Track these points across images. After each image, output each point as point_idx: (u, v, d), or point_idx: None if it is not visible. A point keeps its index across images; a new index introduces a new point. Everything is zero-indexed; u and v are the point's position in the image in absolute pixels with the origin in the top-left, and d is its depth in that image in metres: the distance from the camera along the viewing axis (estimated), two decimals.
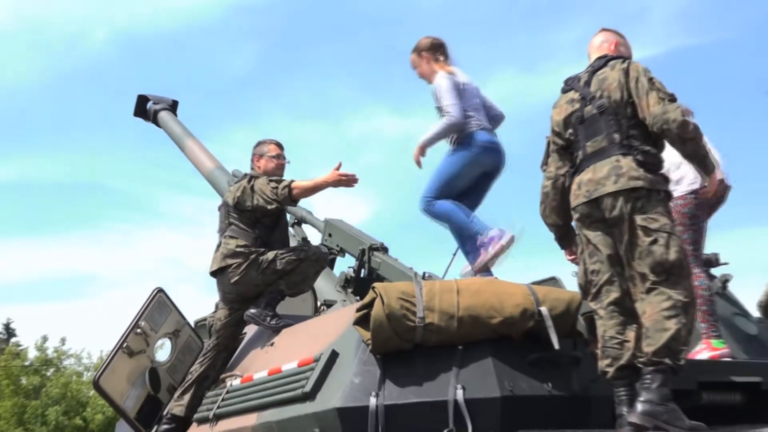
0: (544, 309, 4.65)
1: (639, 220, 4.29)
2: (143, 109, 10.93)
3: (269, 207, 6.14)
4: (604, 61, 4.66)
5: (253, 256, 6.12)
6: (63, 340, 30.43)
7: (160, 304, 6.56)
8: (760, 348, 5.47)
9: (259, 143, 6.74)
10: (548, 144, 4.78)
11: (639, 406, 4.03)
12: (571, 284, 5.57)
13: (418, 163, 6.19)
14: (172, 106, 10.87)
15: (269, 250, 6.19)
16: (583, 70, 4.74)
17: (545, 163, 4.77)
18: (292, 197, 6.13)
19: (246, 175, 6.49)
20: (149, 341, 6.48)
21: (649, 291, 4.25)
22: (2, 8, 57.87)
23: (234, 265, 6.12)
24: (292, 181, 6.15)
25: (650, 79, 4.44)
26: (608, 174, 4.35)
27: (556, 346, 4.58)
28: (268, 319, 5.94)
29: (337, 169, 6.06)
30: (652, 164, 4.41)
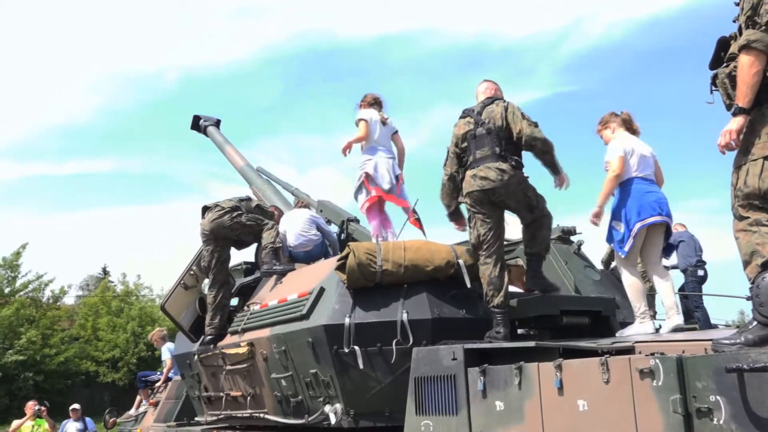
0: (461, 261, 4.69)
1: (525, 194, 4.56)
2: (197, 124, 10.73)
3: (264, 213, 6.33)
4: (491, 101, 4.71)
5: (231, 210, 6.05)
6: (139, 276, 30.23)
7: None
8: (601, 289, 5.53)
9: (275, 208, 7.09)
10: (448, 152, 4.77)
11: (531, 280, 4.66)
12: None
13: None
14: (217, 123, 10.68)
15: (243, 211, 6.13)
16: (477, 105, 4.76)
17: (445, 162, 4.81)
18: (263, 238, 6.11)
19: (271, 212, 6.59)
20: (199, 279, 6.43)
21: (534, 219, 4.66)
22: (119, 59, 57.17)
23: (219, 209, 6.05)
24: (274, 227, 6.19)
25: (522, 113, 4.55)
26: (496, 175, 4.43)
27: (468, 285, 4.63)
28: (276, 267, 5.83)
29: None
30: (519, 167, 4.54)
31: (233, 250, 6.41)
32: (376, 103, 6.22)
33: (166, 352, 10.34)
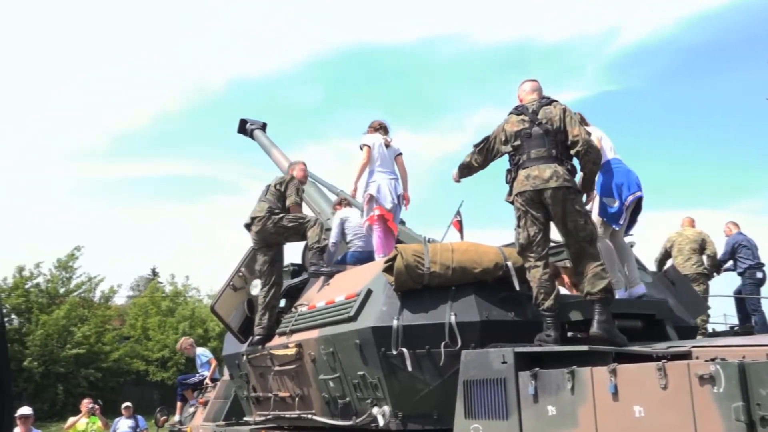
0: (509, 263, 4.63)
1: (573, 206, 4.34)
2: (243, 128, 10.84)
3: (283, 196, 6.21)
4: (548, 101, 4.60)
5: (269, 215, 6.08)
6: (187, 277, 30.65)
7: (254, 256, 6.55)
8: (654, 291, 5.40)
9: (294, 163, 6.95)
10: (488, 140, 4.72)
11: (597, 324, 4.17)
12: None
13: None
14: (263, 127, 10.78)
15: (283, 212, 6.15)
16: (531, 103, 4.63)
17: (478, 145, 4.77)
18: (290, 206, 6.17)
19: (289, 177, 6.46)
20: (247, 281, 6.48)
21: (581, 252, 4.34)
22: (171, 67, 58.46)
23: (258, 219, 6.09)
24: (299, 206, 6.25)
25: (578, 118, 4.55)
26: (551, 176, 4.32)
27: (517, 288, 4.57)
28: (323, 268, 5.85)
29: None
30: (573, 173, 4.46)
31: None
32: (381, 128, 6.51)
33: (205, 355, 10.89)
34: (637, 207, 5.19)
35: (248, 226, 6.25)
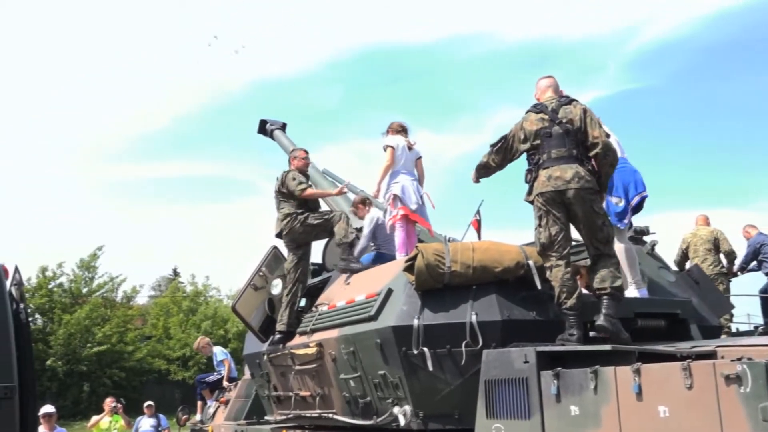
0: (531, 262, 4.60)
1: (592, 207, 4.37)
2: (263, 128, 10.87)
3: (291, 194, 6.14)
4: (568, 100, 4.57)
5: (294, 216, 6.10)
6: (207, 277, 30.93)
7: (275, 256, 6.59)
8: (677, 290, 5.35)
9: (294, 150, 6.92)
10: (506, 139, 4.66)
11: (604, 317, 4.21)
12: None
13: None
14: (283, 127, 10.80)
15: (306, 212, 6.17)
16: (549, 101, 4.60)
17: (495, 145, 4.71)
18: (303, 196, 6.13)
19: (283, 173, 6.38)
20: (268, 280, 6.51)
21: (599, 253, 4.42)
22: (191, 70, 58.98)
23: (285, 225, 6.12)
24: (309, 186, 6.23)
25: (599, 120, 4.49)
26: (573, 176, 4.31)
27: (539, 286, 4.54)
28: (352, 264, 5.82)
29: (341, 190, 6.75)
30: (593, 173, 4.44)
31: None
32: (402, 130, 6.44)
33: (221, 354, 10.96)
34: (638, 206, 5.21)
35: (279, 235, 6.28)
